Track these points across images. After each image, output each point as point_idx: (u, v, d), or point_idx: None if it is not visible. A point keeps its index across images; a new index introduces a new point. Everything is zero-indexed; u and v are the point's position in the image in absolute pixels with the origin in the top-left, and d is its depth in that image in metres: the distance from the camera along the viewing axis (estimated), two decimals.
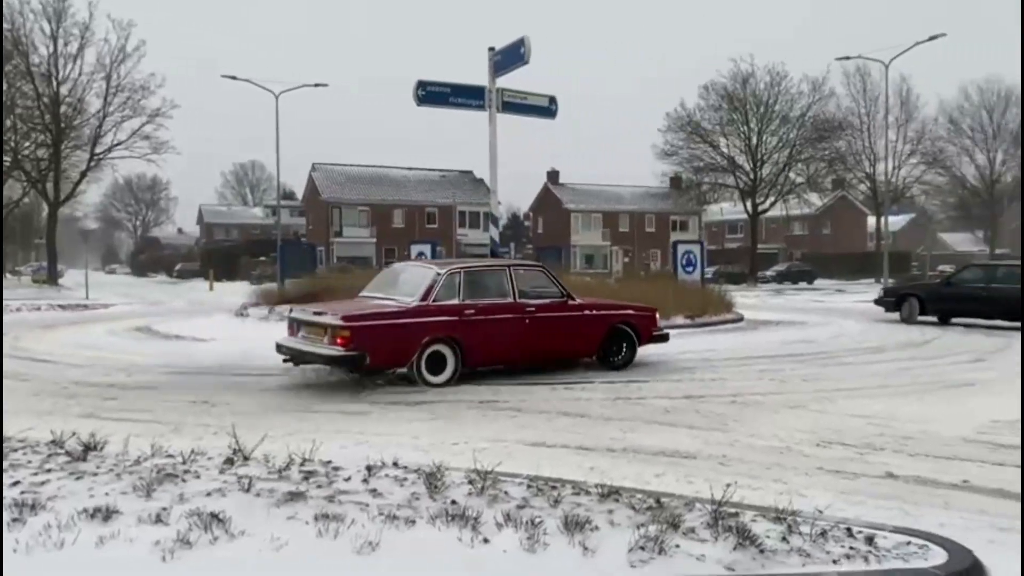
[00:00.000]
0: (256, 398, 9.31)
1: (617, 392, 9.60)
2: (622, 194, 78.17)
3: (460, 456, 6.07)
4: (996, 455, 6.45)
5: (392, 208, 67.80)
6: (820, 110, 58.24)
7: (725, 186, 62.63)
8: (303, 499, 4.44)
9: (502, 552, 3.84)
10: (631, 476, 5.65)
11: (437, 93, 18.25)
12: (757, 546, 3.96)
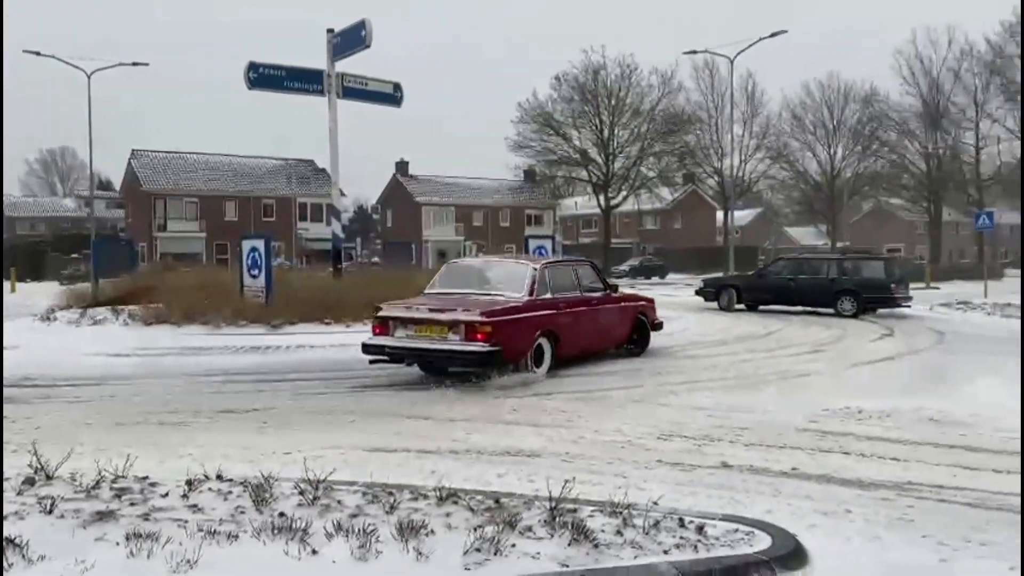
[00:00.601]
0: (65, 411, 8.69)
1: (457, 393, 9.67)
2: (476, 187, 78.40)
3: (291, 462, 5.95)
4: (824, 442, 6.93)
5: (224, 200, 64.62)
6: (670, 104, 60.60)
7: (579, 180, 64.30)
8: (113, 518, 4.24)
9: (331, 563, 3.82)
10: (472, 478, 5.71)
11: (271, 76, 17.83)
12: (592, 541, 4.12)
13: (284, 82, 18.15)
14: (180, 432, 7.51)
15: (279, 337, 15.01)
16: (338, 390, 9.86)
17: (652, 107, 60.14)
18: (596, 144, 61.15)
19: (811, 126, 65.99)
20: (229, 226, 60.07)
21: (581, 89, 59.96)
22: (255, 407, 8.73)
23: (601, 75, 59.31)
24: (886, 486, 5.64)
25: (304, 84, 18.35)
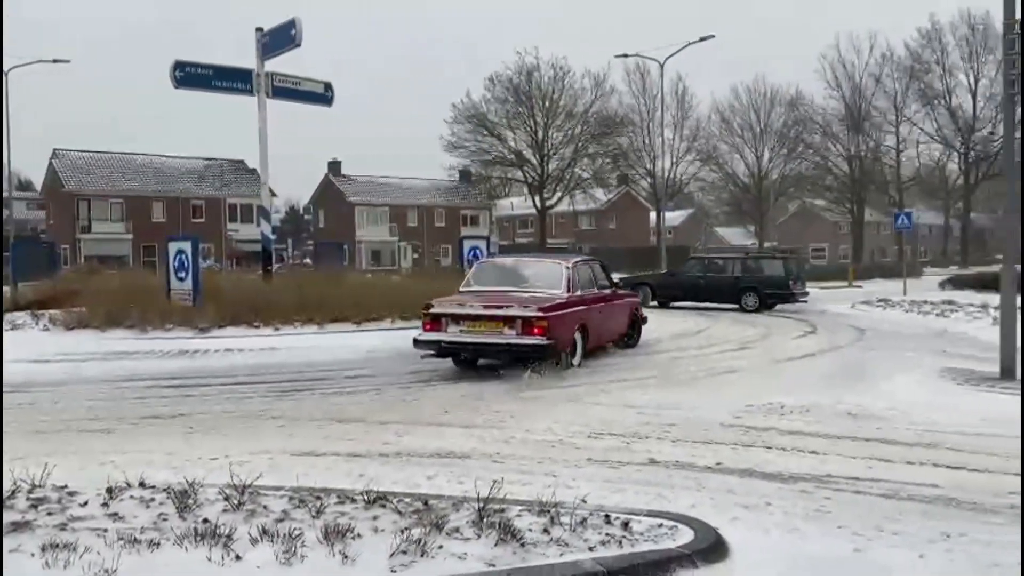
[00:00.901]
0: None
1: (393, 395, 9.61)
2: (410, 187, 77.91)
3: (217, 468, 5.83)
4: (747, 437, 7.08)
5: (151, 200, 63.00)
6: (603, 106, 61.28)
7: (514, 180, 64.52)
8: (29, 529, 4.11)
9: (255, 568, 3.78)
10: (402, 481, 5.67)
11: (198, 75, 17.52)
12: (519, 540, 4.14)
13: (212, 81, 17.84)
14: (102, 439, 7.28)
15: (207, 340, 14.74)
16: (267, 394, 9.68)
17: (585, 109, 60.69)
18: (531, 145, 61.44)
19: (739, 129, 67.47)
20: (156, 228, 58.65)
21: (515, 90, 60.17)
22: (181, 412, 8.53)
23: (535, 77, 59.68)
24: (805, 479, 5.78)
25: (232, 83, 18.07)
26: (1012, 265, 10.34)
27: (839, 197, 69.72)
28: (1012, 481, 5.74)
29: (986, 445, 6.80)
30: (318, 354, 13.13)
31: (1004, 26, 9.88)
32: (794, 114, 66.41)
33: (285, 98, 18.75)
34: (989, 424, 7.55)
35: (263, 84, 18.18)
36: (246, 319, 16.28)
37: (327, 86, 19.30)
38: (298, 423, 7.98)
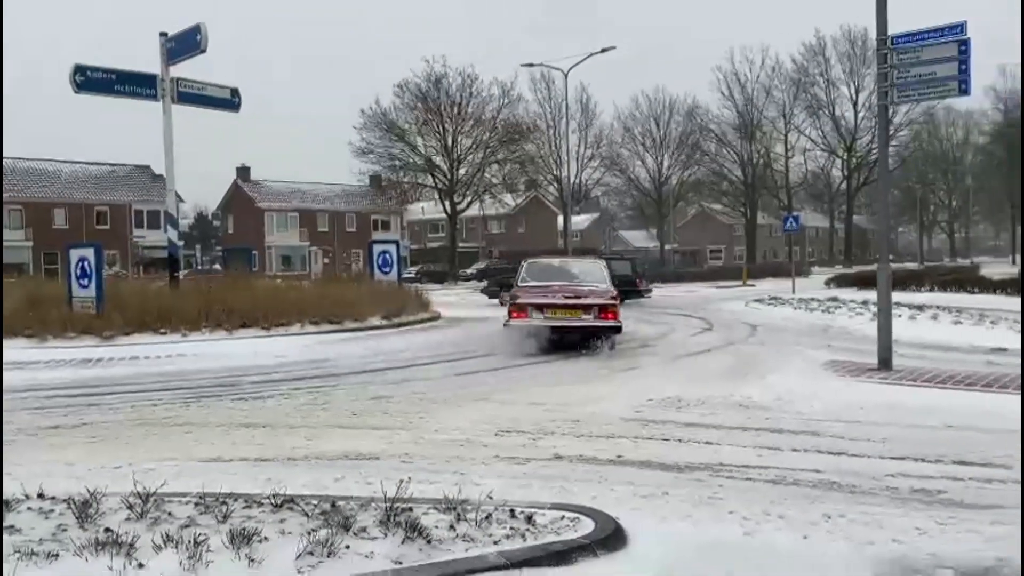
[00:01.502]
0: None
1: (306, 399, 9.47)
2: (321, 192, 76.83)
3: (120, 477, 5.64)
4: (646, 430, 7.22)
5: (52, 207, 60.45)
6: (510, 114, 61.59)
7: (424, 186, 64.14)
8: None
9: (159, 575, 3.70)
10: (310, 483, 5.58)
11: (99, 80, 16.94)
12: (425, 537, 4.14)
13: (114, 86, 17.27)
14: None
15: (111, 348, 14.30)
16: (174, 401, 9.40)
17: (493, 116, 60.88)
18: (440, 151, 61.27)
19: (640, 136, 68.90)
20: (59, 235, 56.31)
21: (424, 97, 59.95)
22: (84, 422, 8.20)
23: (443, 84, 59.54)
24: (700, 468, 5.93)
25: (136, 88, 17.52)
26: (886, 265, 10.81)
27: (734, 201, 71.91)
28: (887, 465, 6.02)
29: (864, 432, 7.10)
30: (227, 360, 12.87)
31: (877, 41, 10.34)
32: (691, 123, 68.19)
33: (191, 103, 18.29)
34: (867, 412, 7.88)
35: (168, 89, 17.69)
36: (152, 326, 15.90)
37: (234, 91, 18.89)
38: (205, 429, 7.77)
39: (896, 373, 9.91)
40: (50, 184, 62.04)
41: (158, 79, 17.65)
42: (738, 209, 72.45)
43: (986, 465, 6.02)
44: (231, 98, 18.90)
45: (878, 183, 10.56)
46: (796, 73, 68.08)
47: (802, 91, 68.21)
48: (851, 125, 68.66)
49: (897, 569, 4.07)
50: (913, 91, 10.27)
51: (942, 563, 4.14)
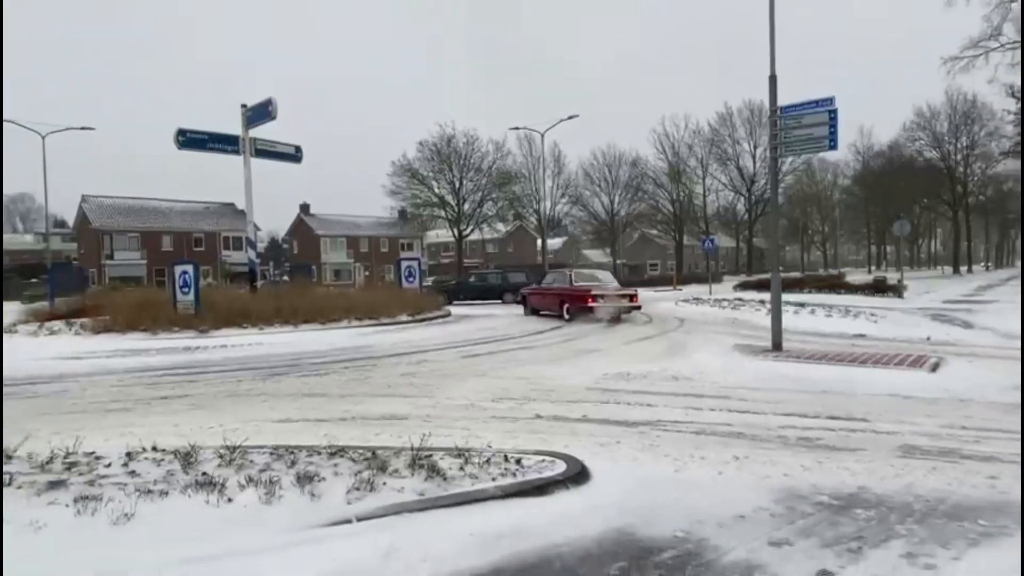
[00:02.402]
0: (23, 405, 7.80)
1: (353, 375, 9.44)
2: (361, 222, 76.66)
3: (214, 434, 5.61)
4: (604, 397, 7.25)
5: (161, 234, 60.03)
6: (502, 164, 61.59)
7: (438, 217, 63.98)
8: (64, 486, 3.90)
9: (243, 507, 3.69)
10: (356, 437, 5.60)
11: (196, 139, 16.88)
12: (442, 476, 4.16)
13: (207, 144, 17.19)
14: (122, 417, 6.90)
15: (206, 339, 14.21)
16: (253, 377, 9.37)
17: (489, 166, 60.84)
18: (450, 192, 61.17)
19: (597, 180, 68.67)
20: (166, 255, 56.06)
21: (438, 152, 59.87)
22: (186, 394, 8.17)
23: (452, 142, 59.55)
24: (643, 424, 5.96)
25: (224, 146, 17.45)
26: (777, 273, 10.88)
27: (666, 228, 71.83)
28: (780, 420, 6.07)
29: (762, 396, 7.16)
30: (293, 347, 12.82)
31: (769, 112, 10.43)
32: (635, 170, 68.26)
33: (265, 157, 18.22)
34: (764, 381, 7.95)
35: (247, 147, 17.63)
36: (237, 322, 15.82)
37: (297, 148, 18.83)
38: (277, 398, 7.77)
39: (785, 353, 9.98)
40: (160, 217, 61.53)
41: (240, 139, 17.58)
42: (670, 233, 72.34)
43: (851, 419, 6.09)
44: (295, 153, 18.84)
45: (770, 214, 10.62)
46: (710, 134, 68.37)
47: (715, 147, 68.45)
48: (751, 172, 69.13)
49: (787, 495, 4.11)
50: (797, 147, 10.35)
51: (820, 491, 4.18)
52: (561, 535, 3.50)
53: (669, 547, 3.39)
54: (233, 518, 3.57)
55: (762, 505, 3.94)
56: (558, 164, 65.39)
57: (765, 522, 3.71)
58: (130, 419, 6.75)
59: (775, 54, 10.26)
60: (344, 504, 3.77)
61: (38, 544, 3.26)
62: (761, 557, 3.29)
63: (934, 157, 63.16)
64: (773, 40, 10.23)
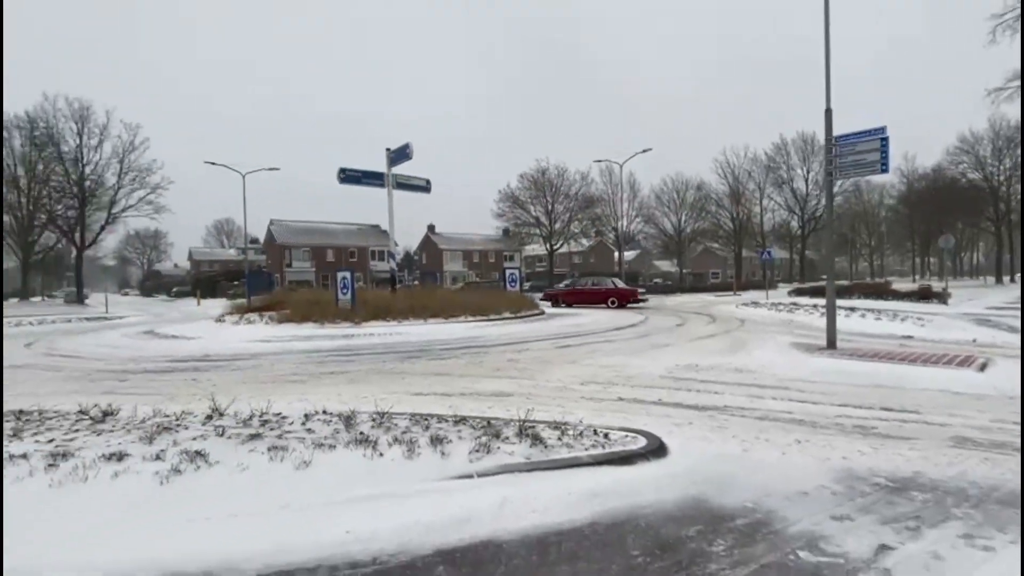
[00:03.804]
0: (229, 375, 8.48)
1: (470, 359, 9.58)
2: (474, 239, 78.24)
3: (366, 403, 5.85)
4: (676, 384, 6.95)
5: (326, 248, 64.08)
6: (586, 190, 61.15)
7: (534, 235, 64.37)
8: (261, 438, 4.20)
9: (391, 461, 3.82)
10: (474, 409, 5.68)
11: (352, 176, 17.77)
12: (543, 444, 4.14)
13: (361, 180, 18.08)
14: (299, 387, 7.35)
15: (359, 329, 14.90)
16: (394, 360, 9.72)
17: (576, 192, 60.71)
18: (544, 214, 61.45)
19: (667, 203, 66.58)
20: (329, 264, 59.58)
21: (535, 182, 60.37)
22: (345, 370, 8.59)
23: (546, 173, 59.86)
24: (712, 408, 5.68)
25: (373, 181, 18.30)
26: (832, 280, 10.10)
27: (727, 242, 68.51)
28: (836, 409, 5.62)
29: (819, 388, 6.66)
30: (424, 336, 13.19)
31: (825, 140, 9.72)
32: (699, 193, 65.63)
33: (403, 189, 18.92)
34: (820, 375, 7.38)
35: (390, 181, 18.39)
36: (382, 316, 16.43)
37: (427, 181, 19.45)
38: (412, 376, 7.99)
39: (839, 351, 9.24)
40: (326, 235, 65.54)
41: (385, 175, 18.36)
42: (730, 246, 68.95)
43: (903, 411, 5.55)
44: (425, 185, 19.47)
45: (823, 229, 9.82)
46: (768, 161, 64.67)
47: (771, 172, 64.68)
48: (803, 193, 64.82)
49: (847, 476, 3.80)
50: (851, 170, 9.57)
51: (877, 473, 3.83)
52: (644, 498, 3.39)
53: (740, 515, 3.21)
54: (384, 469, 3.70)
55: (823, 484, 3.65)
56: (633, 189, 63.88)
57: (827, 499, 3.44)
58: (305, 389, 7.16)
59: (830, 91, 9.55)
60: (467, 462, 3.83)
61: (244, 481, 3.51)
62: (825, 529, 3.05)
63: (977, 178, 56.66)
64: (828, 78, 9.53)
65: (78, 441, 4.17)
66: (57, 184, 45.82)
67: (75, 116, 45.18)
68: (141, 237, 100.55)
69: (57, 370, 9.39)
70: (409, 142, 17.69)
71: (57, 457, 3.75)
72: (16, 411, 5.19)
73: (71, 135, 45.25)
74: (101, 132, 45.53)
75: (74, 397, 6.48)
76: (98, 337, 15.63)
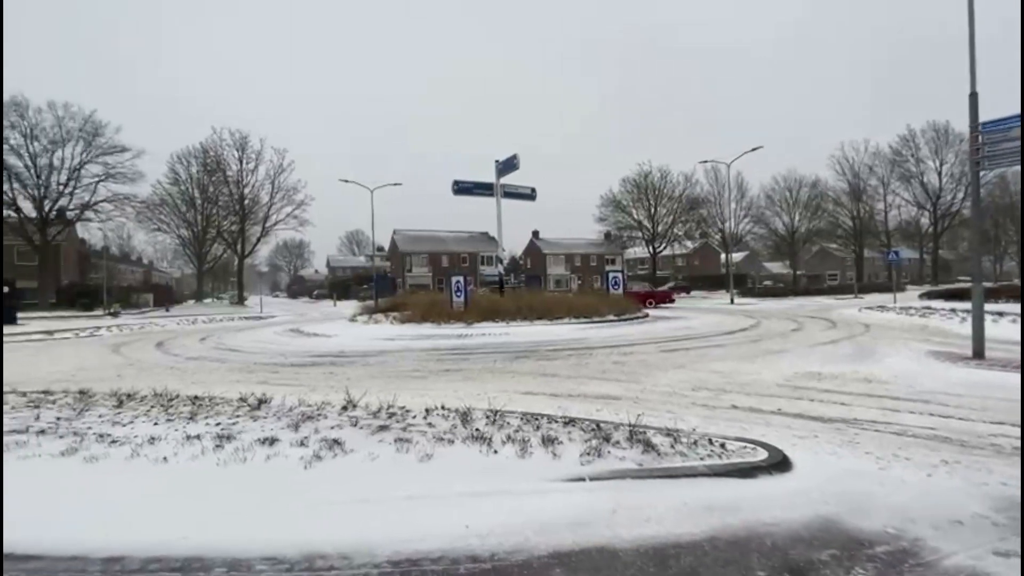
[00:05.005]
0: (360, 370, 8.98)
1: (575, 361, 9.44)
2: (575, 243, 77.76)
3: (480, 400, 5.93)
4: (796, 393, 6.36)
5: (441, 255, 67.12)
6: (690, 192, 58.51)
7: (636, 238, 62.67)
8: (388, 430, 4.39)
9: (505, 459, 3.82)
10: (582, 411, 5.54)
11: (465, 187, 18.35)
12: (656, 451, 3.94)
13: (472, 190, 18.63)
14: (420, 382, 7.61)
15: (471, 329, 15.28)
16: (504, 359, 9.81)
17: (680, 195, 58.29)
18: (647, 217, 59.64)
19: (778, 202, 61.74)
20: (444, 269, 62.23)
21: (637, 185, 58.83)
22: (460, 368, 8.79)
23: (649, 177, 58.07)
24: (838, 421, 5.10)
25: (483, 191, 18.79)
26: (979, 280, 8.74)
27: (846, 242, 62.12)
28: (989, 428, 4.82)
29: (966, 403, 5.73)
30: (531, 337, 13.24)
31: (969, 127, 8.42)
32: (814, 191, 60.11)
33: (511, 198, 19.24)
34: (967, 388, 6.36)
35: (498, 191, 18.75)
36: (491, 317, 16.76)
37: (533, 190, 19.62)
38: (521, 375, 7.99)
39: (988, 361, 7.95)
40: (440, 243, 68.64)
41: (494, 185, 18.76)
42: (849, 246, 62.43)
43: None
44: (531, 193, 19.65)
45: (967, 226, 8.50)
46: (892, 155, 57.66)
47: (896, 167, 57.56)
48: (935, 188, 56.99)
49: (1010, 505, 3.20)
50: (1003, 159, 8.22)
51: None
52: (769, 515, 3.09)
53: (881, 542, 2.81)
54: (498, 466, 3.71)
55: (981, 512, 3.11)
56: (741, 189, 60.06)
57: (987, 530, 2.91)
58: (425, 384, 7.41)
59: (975, 73, 8.28)
60: (578, 464, 3.73)
61: (374, 469, 3.68)
62: (987, 566, 2.58)
63: None
64: (973, 59, 8.26)
65: (239, 425, 4.63)
66: (224, 203, 52.54)
67: (236, 144, 51.77)
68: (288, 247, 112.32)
69: (223, 362, 10.51)
70: (516, 153, 17.95)
71: (223, 439, 4.18)
72: (192, 397, 5.88)
73: (233, 161, 51.73)
74: (256, 157, 51.57)
75: (236, 386, 7.22)
76: (255, 334, 17.28)
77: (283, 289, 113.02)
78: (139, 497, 3.27)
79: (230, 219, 53.17)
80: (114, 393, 6.01)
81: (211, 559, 2.67)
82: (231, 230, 53.44)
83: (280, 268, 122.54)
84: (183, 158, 52.67)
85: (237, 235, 52.93)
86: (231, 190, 52.09)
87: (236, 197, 52.18)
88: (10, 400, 5.80)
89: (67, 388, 6.61)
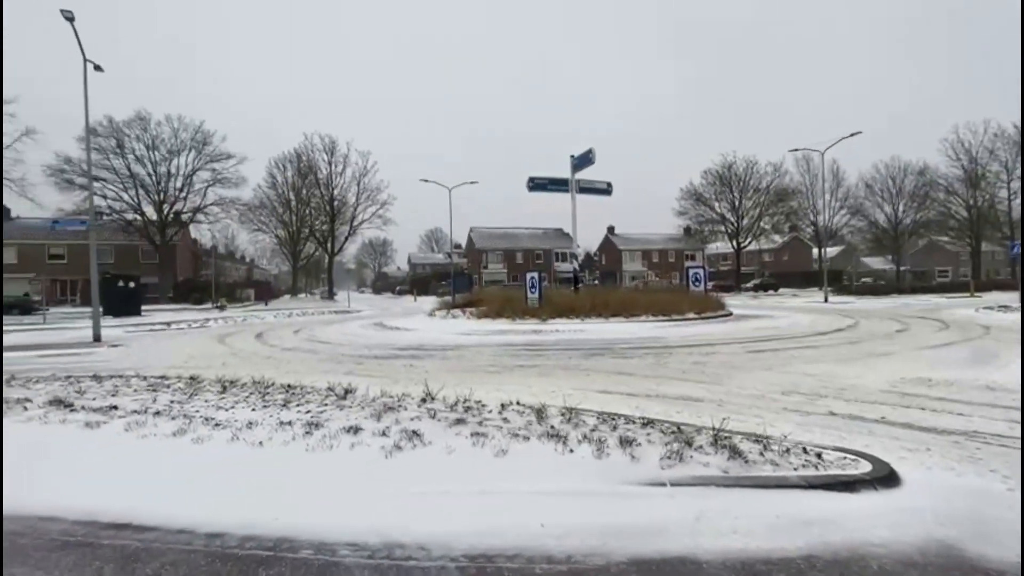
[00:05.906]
0: (438, 364, 9.14)
1: (653, 360, 9.16)
2: (652, 238, 75.58)
3: (554, 397, 5.84)
4: (904, 400, 5.77)
5: (516, 251, 67.69)
6: (779, 183, 54.96)
7: (719, 232, 59.84)
8: (464, 423, 4.43)
9: (581, 458, 3.74)
10: (661, 412, 5.34)
11: (540, 183, 18.30)
12: (743, 458, 3.71)
13: (547, 186, 18.55)
14: (495, 377, 7.64)
15: (545, 325, 15.24)
16: (579, 356, 9.66)
17: (767, 186, 54.92)
18: (730, 210, 56.76)
19: (879, 192, 56.60)
20: (519, 266, 62.74)
21: (719, 177, 56.10)
22: (535, 364, 8.75)
23: (733, 168, 55.25)
24: (955, 433, 4.57)
25: (558, 187, 18.65)
26: None
27: (959, 234, 55.84)
28: None
29: None
30: (606, 334, 12.99)
31: None
32: (922, 179, 54.49)
33: (586, 193, 18.96)
34: None
35: (573, 186, 18.55)
36: (566, 314, 16.63)
37: (608, 184, 19.22)
38: (596, 373, 7.84)
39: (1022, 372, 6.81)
40: (515, 240, 69.21)
41: (569, 181, 18.57)
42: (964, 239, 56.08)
43: None
44: (607, 188, 19.26)
45: None
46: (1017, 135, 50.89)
47: None
48: None
49: None
50: None
51: None
52: (876, 535, 2.80)
53: (1011, 573, 2.46)
54: (574, 465, 3.64)
55: None
56: (836, 179, 55.65)
57: None
58: (500, 379, 7.43)
59: None
60: (658, 469, 3.58)
61: (450, 462, 3.73)
62: None
63: None
64: None
65: (327, 413, 4.86)
66: (315, 205, 56.17)
67: (326, 148, 55.03)
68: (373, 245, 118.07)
69: (314, 353, 11.11)
70: (592, 147, 17.65)
71: (312, 426, 4.41)
72: (285, 385, 6.27)
73: (323, 164, 55.10)
74: (344, 160, 54.72)
75: (325, 376, 7.60)
76: (342, 327, 18.09)
77: (368, 285, 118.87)
78: (238, 478, 3.52)
79: (321, 219, 56.79)
80: (219, 380, 6.52)
81: (299, 541, 2.81)
82: (322, 230, 57.07)
83: (366, 265, 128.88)
84: (279, 163, 56.87)
85: (327, 234, 56.40)
86: (321, 192, 55.67)
87: (326, 198, 55.68)
88: (132, 384, 6.46)
89: (180, 374, 7.27)
